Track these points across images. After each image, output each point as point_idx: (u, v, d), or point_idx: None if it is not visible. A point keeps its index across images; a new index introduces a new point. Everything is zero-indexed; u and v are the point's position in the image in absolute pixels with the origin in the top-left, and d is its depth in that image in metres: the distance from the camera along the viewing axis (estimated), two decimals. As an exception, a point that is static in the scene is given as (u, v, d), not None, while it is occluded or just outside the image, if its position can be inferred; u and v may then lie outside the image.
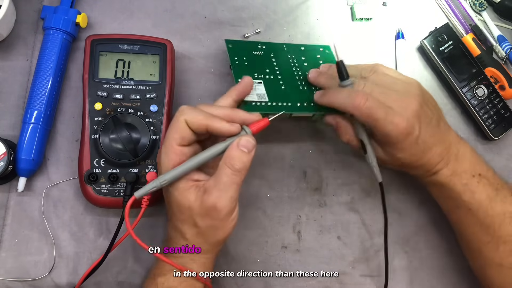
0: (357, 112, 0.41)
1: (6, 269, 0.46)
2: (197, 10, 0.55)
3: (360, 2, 0.57)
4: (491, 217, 0.43)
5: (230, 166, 0.37)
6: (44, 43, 0.49)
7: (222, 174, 0.37)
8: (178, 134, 0.38)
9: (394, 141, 0.42)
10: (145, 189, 0.38)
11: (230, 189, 0.37)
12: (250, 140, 0.38)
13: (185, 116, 0.38)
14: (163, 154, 0.39)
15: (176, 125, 0.38)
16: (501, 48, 0.57)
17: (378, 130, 0.42)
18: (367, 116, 0.41)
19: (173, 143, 0.38)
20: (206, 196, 0.37)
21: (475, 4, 0.59)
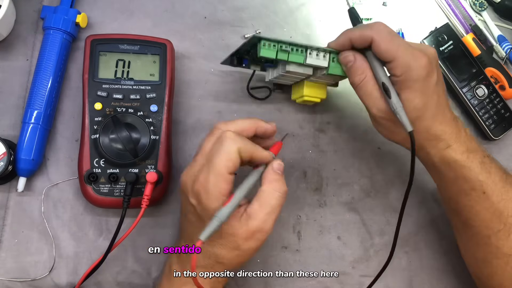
0: (378, 36, 0.39)
1: (6, 269, 0.46)
2: (197, 10, 0.55)
3: (360, 2, 0.57)
4: (504, 202, 0.41)
5: (278, 189, 0.39)
6: (44, 43, 0.49)
7: (271, 198, 0.38)
8: (232, 162, 0.37)
9: (414, 78, 0.39)
10: (210, 229, 0.36)
11: (276, 211, 0.39)
12: (281, 163, 0.41)
13: (238, 145, 0.37)
14: (212, 183, 0.37)
15: (229, 153, 0.37)
16: (501, 48, 0.57)
17: (398, 61, 0.39)
18: (388, 41, 0.39)
19: (225, 171, 0.37)
20: (252, 221, 0.38)
21: (475, 4, 0.59)
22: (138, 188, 0.46)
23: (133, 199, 0.45)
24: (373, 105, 0.41)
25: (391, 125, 0.42)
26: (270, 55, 0.43)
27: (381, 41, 0.39)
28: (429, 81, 0.40)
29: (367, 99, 0.42)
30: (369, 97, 0.42)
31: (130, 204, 0.45)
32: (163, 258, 0.48)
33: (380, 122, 0.43)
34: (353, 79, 0.42)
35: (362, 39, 0.41)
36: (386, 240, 0.52)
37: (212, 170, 0.37)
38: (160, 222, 0.49)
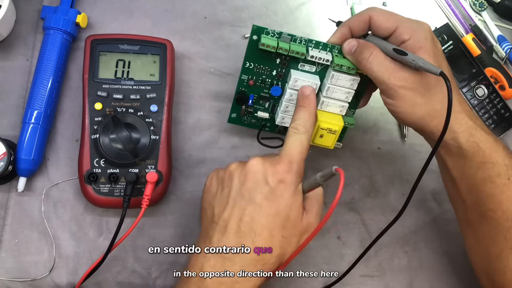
0: (375, 12, 0.41)
1: (6, 269, 0.46)
2: (197, 10, 0.55)
3: (360, 2, 0.57)
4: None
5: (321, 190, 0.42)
6: (44, 43, 0.49)
7: (320, 196, 0.42)
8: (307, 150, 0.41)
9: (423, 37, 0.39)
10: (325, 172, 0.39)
11: (322, 207, 0.42)
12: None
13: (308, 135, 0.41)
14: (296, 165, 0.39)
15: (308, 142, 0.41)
16: (501, 48, 0.57)
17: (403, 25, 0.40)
18: (386, 13, 0.41)
19: (304, 158, 0.40)
20: (309, 214, 0.40)
21: (475, 4, 0.59)
22: (138, 188, 0.46)
23: (133, 199, 0.45)
24: (390, 75, 0.39)
25: (415, 95, 0.40)
26: (272, 43, 0.42)
27: (379, 14, 0.41)
28: (436, 44, 0.40)
29: (382, 71, 0.40)
30: (384, 68, 0.40)
31: (130, 204, 0.45)
32: (163, 258, 0.48)
33: (401, 95, 0.40)
34: (362, 57, 0.41)
35: (360, 21, 0.41)
36: (386, 240, 0.52)
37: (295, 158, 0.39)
38: (160, 222, 0.49)
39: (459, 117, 0.40)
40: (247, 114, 0.49)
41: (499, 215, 0.41)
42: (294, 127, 0.41)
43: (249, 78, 0.46)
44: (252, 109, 0.49)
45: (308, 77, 0.44)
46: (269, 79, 0.46)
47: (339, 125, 0.44)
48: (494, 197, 0.41)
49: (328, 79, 0.44)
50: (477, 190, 0.42)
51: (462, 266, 0.51)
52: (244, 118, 0.50)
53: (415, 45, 0.39)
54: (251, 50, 0.44)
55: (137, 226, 0.44)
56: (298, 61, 0.45)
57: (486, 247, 0.43)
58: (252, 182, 0.38)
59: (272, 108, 0.49)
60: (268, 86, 0.47)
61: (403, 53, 0.39)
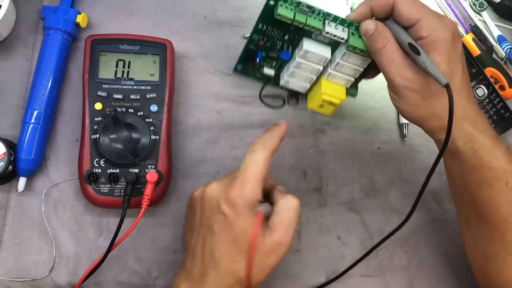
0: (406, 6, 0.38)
1: (6, 269, 0.46)
2: (197, 10, 0.55)
3: (360, 2, 0.57)
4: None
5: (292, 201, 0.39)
6: (44, 43, 0.49)
7: (288, 210, 0.38)
8: (266, 169, 0.38)
9: (441, 38, 0.38)
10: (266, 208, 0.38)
11: (294, 223, 0.38)
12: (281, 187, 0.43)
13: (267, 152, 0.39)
14: (249, 188, 0.37)
15: (264, 160, 0.38)
16: (501, 48, 0.57)
17: (424, 21, 0.38)
18: (411, 2, 0.38)
19: (260, 178, 0.38)
20: (274, 233, 0.37)
21: (475, 4, 0.59)
22: (138, 188, 0.46)
23: (133, 199, 0.45)
24: (397, 73, 0.38)
25: (417, 97, 0.39)
26: (288, 15, 0.41)
27: (404, 2, 0.38)
28: (455, 46, 0.38)
29: (390, 67, 0.39)
30: (393, 64, 0.39)
31: (130, 204, 0.45)
32: (163, 258, 0.48)
33: (403, 95, 0.39)
34: (375, 46, 0.40)
35: (384, 4, 0.39)
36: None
37: (249, 177, 0.38)
38: (160, 222, 0.49)
39: (459, 123, 0.39)
40: (253, 68, 0.49)
41: (496, 217, 0.41)
42: (252, 145, 0.40)
43: (260, 39, 0.45)
44: (259, 66, 0.48)
45: (319, 49, 0.43)
46: (280, 42, 0.45)
47: (341, 99, 0.44)
48: (491, 200, 0.40)
49: (339, 55, 0.43)
50: (473, 192, 0.42)
51: (462, 267, 0.51)
52: (249, 71, 0.49)
53: (431, 45, 0.38)
54: (266, 13, 0.42)
55: (137, 226, 0.44)
56: (312, 32, 0.43)
57: (483, 246, 0.43)
58: (208, 210, 0.39)
59: (279, 67, 0.48)
60: (278, 49, 0.46)
61: (417, 51, 0.37)
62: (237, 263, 0.37)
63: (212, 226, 0.38)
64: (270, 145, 0.39)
